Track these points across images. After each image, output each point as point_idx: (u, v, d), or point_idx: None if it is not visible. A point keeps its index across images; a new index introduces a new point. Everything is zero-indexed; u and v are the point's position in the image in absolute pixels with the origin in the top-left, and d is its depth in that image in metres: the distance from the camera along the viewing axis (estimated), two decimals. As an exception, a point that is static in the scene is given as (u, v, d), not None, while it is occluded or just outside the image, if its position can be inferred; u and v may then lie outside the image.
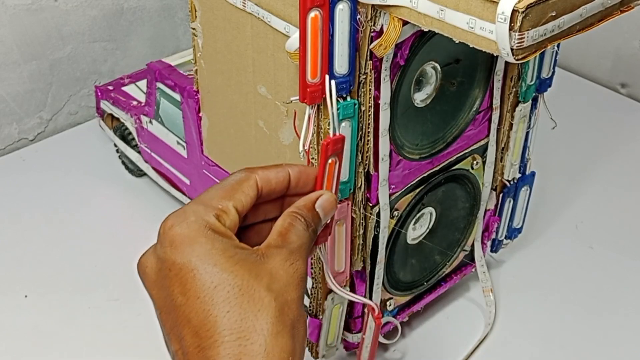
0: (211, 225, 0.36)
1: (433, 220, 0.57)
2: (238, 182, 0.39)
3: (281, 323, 0.34)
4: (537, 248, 0.72)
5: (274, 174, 0.40)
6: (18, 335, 0.63)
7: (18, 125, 0.86)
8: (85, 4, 0.85)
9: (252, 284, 0.35)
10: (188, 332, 0.34)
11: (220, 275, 0.35)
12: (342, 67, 0.42)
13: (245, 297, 0.34)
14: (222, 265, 0.35)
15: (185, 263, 0.35)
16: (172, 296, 0.35)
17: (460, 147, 0.55)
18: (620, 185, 0.80)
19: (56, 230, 0.74)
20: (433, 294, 0.62)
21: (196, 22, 0.56)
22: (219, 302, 0.34)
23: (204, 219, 0.36)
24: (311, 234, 0.39)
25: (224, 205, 0.38)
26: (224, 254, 0.35)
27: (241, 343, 0.33)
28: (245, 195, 0.39)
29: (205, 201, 0.38)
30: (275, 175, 0.40)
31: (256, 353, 0.33)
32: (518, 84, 0.55)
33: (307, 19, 0.40)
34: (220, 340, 0.34)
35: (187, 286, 0.35)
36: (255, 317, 0.34)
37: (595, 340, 0.63)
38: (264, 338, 0.34)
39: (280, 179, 0.40)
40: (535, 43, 0.36)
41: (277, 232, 0.38)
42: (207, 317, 0.34)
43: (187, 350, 0.34)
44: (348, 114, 0.44)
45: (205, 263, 0.35)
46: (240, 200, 0.38)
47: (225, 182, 0.39)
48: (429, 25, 0.40)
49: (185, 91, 0.63)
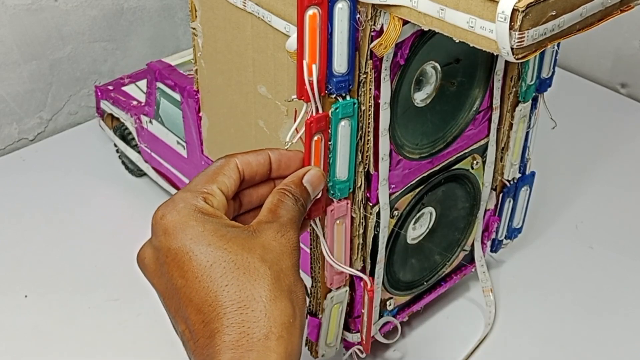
0: (200, 208, 0.38)
1: (433, 220, 0.57)
2: (219, 167, 0.41)
3: (278, 289, 0.36)
4: (537, 248, 0.72)
5: (253, 157, 0.42)
6: (18, 335, 0.63)
7: (18, 125, 0.86)
8: (85, 4, 0.85)
9: (246, 257, 0.37)
10: (192, 311, 0.36)
11: (215, 253, 0.36)
12: (341, 66, 0.42)
13: (241, 270, 0.36)
14: (215, 244, 0.37)
15: (180, 247, 0.37)
16: (172, 280, 0.37)
17: (460, 146, 0.55)
18: (620, 185, 0.80)
19: (56, 230, 0.74)
20: (433, 293, 0.62)
21: (196, 21, 0.56)
22: (216, 278, 0.36)
23: (192, 203, 0.38)
24: (300, 207, 0.41)
25: (209, 188, 0.40)
26: (215, 233, 0.37)
27: (242, 312, 0.35)
28: (227, 177, 0.41)
29: (191, 188, 0.40)
30: (255, 159, 0.42)
31: (257, 318, 0.35)
32: (518, 84, 0.55)
33: (305, 17, 0.40)
34: (222, 312, 0.35)
35: (185, 268, 0.36)
36: (253, 287, 0.36)
37: (595, 340, 0.63)
38: (263, 304, 0.35)
39: (261, 162, 0.42)
40: (535, 42, 0.36)
41: (267, 209, 0.40)
42: (207, 293, 0.36)
43: (193, 328, 0.36)
44: (347, 113, 0.44)
45: (199, 244, 0.37)
46: (223, 182, 0.40)
47: (207, 169, 0.41)
48: (429, 24, 0.40)
49: (185, 91, 0.64)
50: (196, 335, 0.36)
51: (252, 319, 0.35)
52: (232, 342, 0.35)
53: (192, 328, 0.36)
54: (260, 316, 0.35)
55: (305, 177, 0.43)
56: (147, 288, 0.66)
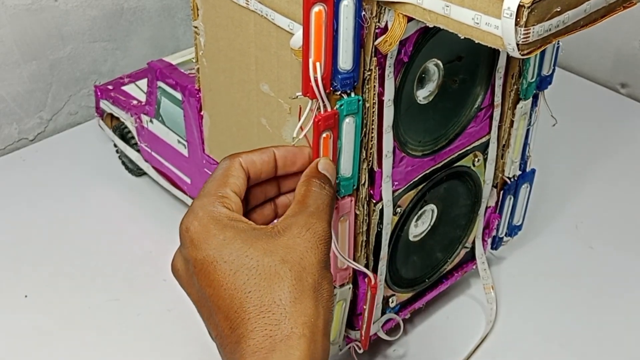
0: (219, 215, 0.39)
1: (435, 217, 0.57)
2: (226, 169, 0.42)
3: (299, 289, 0.37)
4: (537, 246, 0.72)
5: (257, 156, 0.43)
6: (18, 335, 0.63)
7: (18, 125, 0.86)
8: (85, 4, 0.85)
9: (267, 261, 0.37)
10: (221, 318, 0.37)
11: (237, 261, 0.37)
12: (346, 63, 0.42)
13: (262, 276, 0.37)
14: (237, 251, 0.38)
15: (205, 258, 0.38)
16: (202, 290, 0.38)
17: (462, 144, 0.55)
18: (621, 184, 0.80)
19: (56, 230, 0.74)
20: (435, 290, 0.62)
21: (198, 20, 0.56)
22: (240, 286, 0.37)
23: (211, 210, 0.39)
24: (327, 192, 0.42)
25: (224, 192, 0.40)
26: (237, 240, 0.38)
27: (264, 316, 0.36)
28: (236, 178, 0.41)
29: (207, 194, 0.41)
30: (259, 158, 0.43)
31: (279, 321, 0.36)
32: (519, 82, 0.55)
33: (311, 14, 0.40)
34: (247, 317, 0.36)
35: (211, 277, 0.38)
36: (273, 290, 0.37)
37: (596, 338, 0.63)
38: (283, 307, 0.36)
39: (265, 160, 0.43)
40: (540, 38, 0.36)
41: (296, 200, 0.41)
42: (232, 301, 0.37)
43: (223, 334, 0.38)
44: (352, 110, 0.44)
45: (221, 253, 0.38)
46: (235, 183, 0.41)
47: (216, 173, 0.42)
48: (434, 21, 0.40)
49: (186, 90, 0.64)
50: (225, 340, 0.37)
51: (274, 322, 0.36)
52: (255, 346, 0.36)
53: (222, 333, 0.38)
54: (281, 318, 0.36)
55: (319, 166, 0.43)
56: (147, 288, 0.67)
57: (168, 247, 0.71)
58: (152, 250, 0.71)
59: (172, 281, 0.54)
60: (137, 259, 0.70)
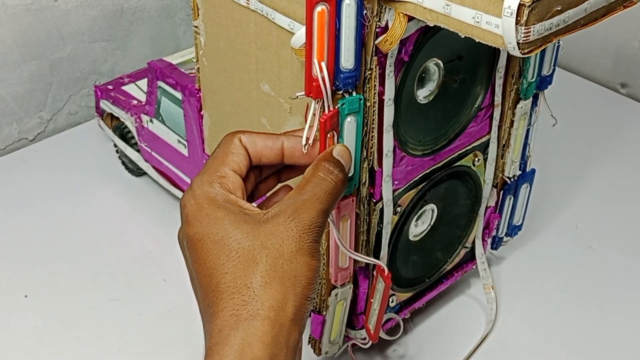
0: (214, 195, 0.40)
1: (435, 217, 0.57)
2: (226, 146, 0.42)
3: (271, 275, 0.38)
4: (537, 246, 0.72)
5: (262, 139, 0.43)
6: (18, 335, 0.63)
7: (18, 125, 0.86)
8: (85, 4, 0.85)
9: (247, 245, 0.38)
10: (202, 295, 0.39)
11: (222, 241, 0.38)
12: (348, 62, 0.42)
13: (241, 259, 0.38)
14: (223, 232, 0.38)
15: (195, 235, 0.39)
16: (191, 266, 0.40)
17: (462, 143, 0.55)
18: (621, 185, 0.80)
19: (56, 230, 0.74)
20: (435, 290, 0.62)
21: (198, 20, 0.56)
22: (219, 266, 0.38)
23: (207, 190, 0.40)
24: (332, 179, 0.41)
25: (222, 171, 0.41)
26: (225, 221, 0.39)
27: (235, 297, 0.37)
28: (236, 155, 0.42)
29: (206, 171, 0.41)
30: (263, 142, 0.43)
31: (246, 302, 0.37)
32: (519, 81, 0.55)
33: (314, 13, 0.40)
34: (220, 297, 0.38)
35: (198, 255, 0.39)
36: (247, 274, 0.38)
37: (596, 338, 0.63)
38: (252, 290, 0.37)
39: (270, 146, 0.43)
40: (540, 37, 0.37)
41: (298, 184, 0.41)
42: (211, 279, 0.38)
43: (202, 311, 0.39)
44: (354, 109, 0.44)
45: (209, 232, 0.39)
46: (234, 161, 0.42)
47: (216, 152, 0.43)
48: (434, 20, 0.40)
49: (186, 89, 0.64)
50: (203, 317, 0.39)
51: (242, 303, 0.37)
52: (221, 324, 0.37)
53: (202, 309, 0.39)
54: (249, 300, 0.37)
55: (334, 151, 0.43)
56: (147, 288, 0.67)
57: (168, 247, 0.71)
58: (152, 250, 0.71)
59: (172, 281, 0.54)
60: (137, 259, 0.70)
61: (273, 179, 0.46)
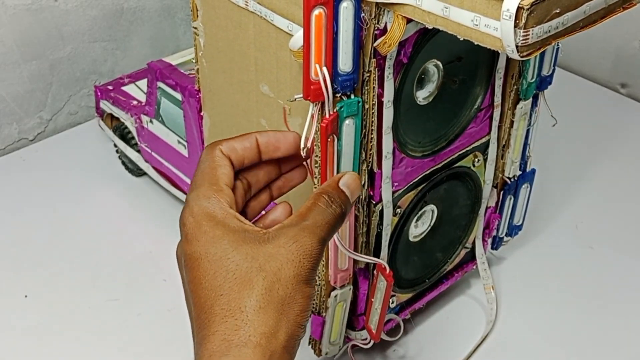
0: (213, 210, 0.39)
1: (435, 217, 0.57)
2: (211, 161, 0.42)
3: (266, 300, 0.37)
4: (538, 246, 0.72)
5: (239, 142, 0.43)
6: (18, 335, 0.63)
7: (18, 125, 0.86)
8: (85, 4, 0.85)
9: (245, 267, 0.37)
10: (195, 315, 0.38)
11: (219, 262, 0.37)
12: (346, 65, 0.42)
13: (237, 281, 0.37)
14: (222, 252, 0.38)
15: (193, 253, 0.38)
16: (187, 284, 0.39)
17: (462, 144, 0.55)
18: (621, 184, 0.80)
19: (56, 230, 0.74)
20: (435, 291, 0.62)
21: (198, 21, 0.56)
22: (215, 288, 0.37)
23: (206, 206, 0.39)
24: (334, 211, 0.40)
25: (217, 185, 0.40)
26: (224, 240, 0.38)
27: (226, 320, 0.36)
28: (223, 167, 0.42)
29: (199, 186, 0.41)
30: (240, 144, 0.43)
31: (239, 327, 0.36)
32: (519, 82, 0.55)
33: (311, 17, 0.40)
34: (212, 320, 0.37)
35: (194, 274, 0.38)
36: (241, 297, 0.37)
37: (596, 338, 0.63)
38: (246, 314, 0.36)
39: (247, 146, 0.43)
40: (539, 40, 0.36)
41: (298, 212, 0.40)
42: (206, 301, 0.37)
43: (195, 331, 0.38)
44: (352, 112, 0.44)
45: (207, 252, 0.38)
46: (224, 174, 0.41)
47: (202, 165, 0.42)
48: (433, 22, 0.40)
49: (186, 90, 0.64)
50: (194, 339, 0.38)
51: (234, 327, 0.36)
52: (212, 349, 0.36)
53: (194, 330, 0.38)
54: (242, 325, 0.36)
55: (341, 181, 0.42)
56: (147, 288, 0.67)
57: (168, 247, 0.71)
58: (152, 250, 0.71)
59: (172, 281, 0.54)
60: (137, 259, 0.70)
61: (266, 195, 0.46)
